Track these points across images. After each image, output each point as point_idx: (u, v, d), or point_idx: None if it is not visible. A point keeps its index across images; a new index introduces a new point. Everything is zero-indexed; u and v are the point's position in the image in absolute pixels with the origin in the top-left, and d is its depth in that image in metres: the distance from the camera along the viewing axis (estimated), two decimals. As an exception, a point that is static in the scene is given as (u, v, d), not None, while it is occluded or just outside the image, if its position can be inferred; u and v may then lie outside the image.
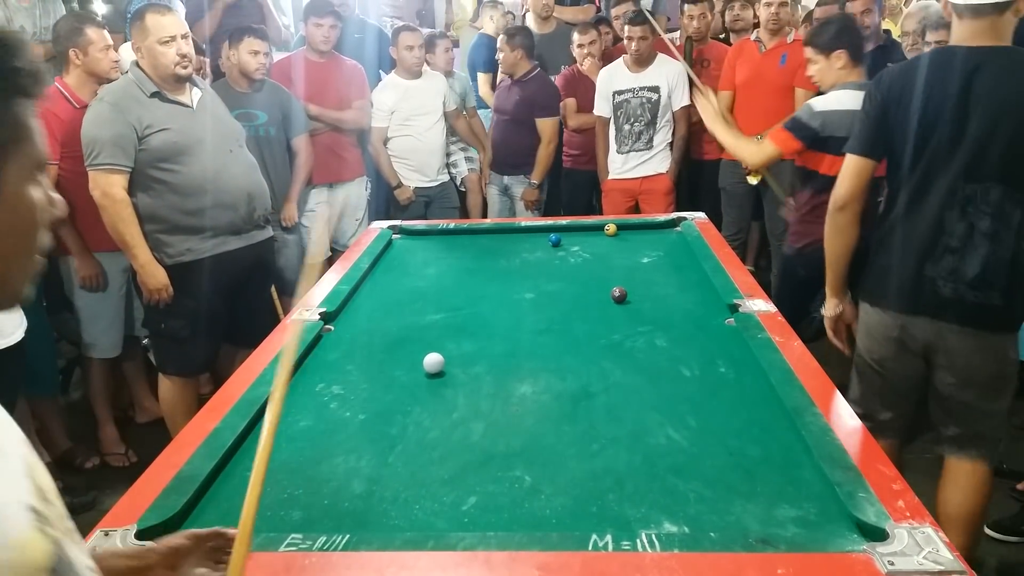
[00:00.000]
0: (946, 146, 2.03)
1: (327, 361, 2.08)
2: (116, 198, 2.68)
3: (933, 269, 2.09)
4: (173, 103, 2.77)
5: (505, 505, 1.41)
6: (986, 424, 2.17)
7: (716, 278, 2.47)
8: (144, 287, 2.80)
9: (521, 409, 1.78)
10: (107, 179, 2.68)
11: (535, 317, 2.35)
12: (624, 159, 4.18)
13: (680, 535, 1.28)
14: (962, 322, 2.08)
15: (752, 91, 4.05)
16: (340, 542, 1.26)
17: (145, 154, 2.71)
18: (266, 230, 3.08)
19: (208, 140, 2.81)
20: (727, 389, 1.83)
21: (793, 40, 3.98)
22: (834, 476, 1.38)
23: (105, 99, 2.73)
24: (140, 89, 2.73)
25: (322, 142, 4.00)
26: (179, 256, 2.81)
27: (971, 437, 2.18)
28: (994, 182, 2.00)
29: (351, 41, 4.34)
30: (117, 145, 2.66)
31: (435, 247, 3.15)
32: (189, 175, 2.76)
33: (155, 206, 2.77)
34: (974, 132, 1.99)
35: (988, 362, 2.12)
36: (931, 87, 2.04)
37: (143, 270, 2.76)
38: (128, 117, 2.67)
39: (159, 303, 2.81)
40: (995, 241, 2.01)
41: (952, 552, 1.17)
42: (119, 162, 2.67)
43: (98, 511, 2.03)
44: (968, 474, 2.21)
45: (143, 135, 2.69)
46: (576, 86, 4.37)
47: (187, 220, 2.79)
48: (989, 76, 1.97)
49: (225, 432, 1.62)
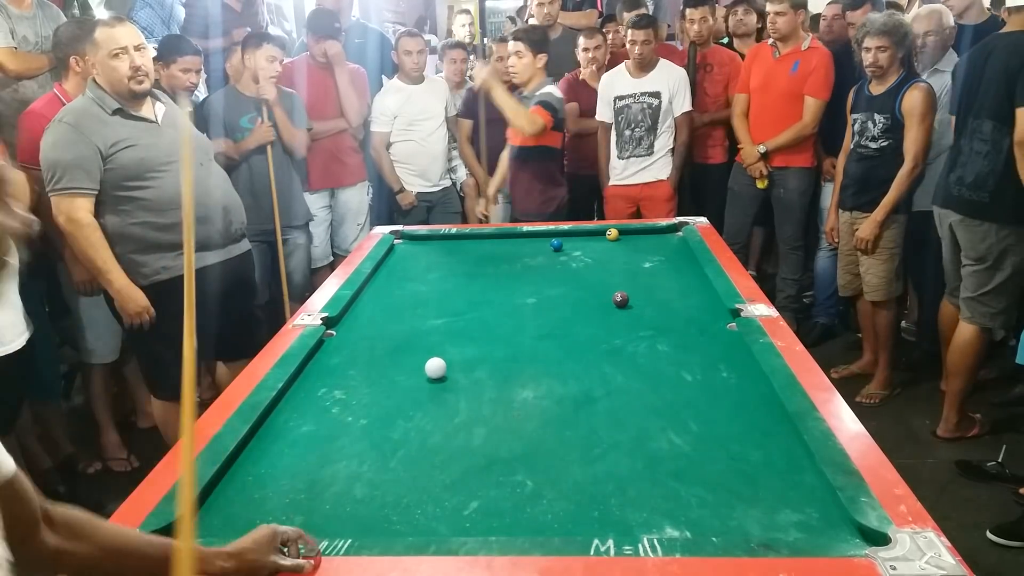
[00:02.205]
0: (968, 98, 3.07)
1: (329, 366, 2.08)
2: (83, 223, 2.56)
3: (950, 177, 3.14)
4: (137, 119, 2.66)
5: (507, 510, 1.41)
6: (987, 297, 3.08)
7: (718, 282, 2.47)
8: (124, 312, 2.68)
9: (523, 414, 1.78)
10: (71, 203, 2.55)
11: (537, 322, 2.35)
12: (625, 164, 4.18)
13: (682, 540, 1.28)
14: (960, 212, 3.11)
15: (764, 96, 4.06)
16: (342, 547, 1.25)
17: (112, 173, 2.59)
18: (242, 243, 2.99)
19: (177, 154, 2.68)
20: (729, 394, 1.83)
21: (808, 48, 3.97)
22: (836, 481, 1.38)
23: (64, 120, 2.58)
24: (101, 107, 2.61)
25: (324, 147, 4.02)
26: (155, 275, 2.69)
27: (970, 301, 3.12)
28: (986, 118, 2.99)
29: (352, 46, 4.36)
30: (80, 167, 2.54)
31: (437, 252, 3.16)
32: (160, 191, 2.65)
33: (125, 226, 2.65)
34: (983, 86, 2.99)
35: (976, 242, 3.06)
36: (971, 59, 3.11)
37: (120, 295, 2.64)
38: (91, 138, 2.55)
39: (142, 327, 2.69)
40: (986, 158, 2.99)
41: (954, 557, 1.17)
42: (83, 185, 2.55)
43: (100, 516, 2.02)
44: (963, 331, 3.17)
45: (108, 154, 2.58)
46: (578, 91, 4.37)
47: (161, 237, 2.68)
48: (997, 51, 2.96)
49: (226, 437, 1.62)
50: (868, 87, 3.43)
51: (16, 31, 3.32)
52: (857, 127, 3.47)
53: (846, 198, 3.59)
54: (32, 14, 3.40)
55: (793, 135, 3.99)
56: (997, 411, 3.43)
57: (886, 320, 3.61)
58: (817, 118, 3.97)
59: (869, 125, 3.40)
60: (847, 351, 4.11)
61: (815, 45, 4.00)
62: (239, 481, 1.53)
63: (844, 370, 3.85)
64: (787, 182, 4.10)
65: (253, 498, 1.47)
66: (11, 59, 3.28)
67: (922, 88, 3.26)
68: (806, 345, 2.03)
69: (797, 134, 3.99)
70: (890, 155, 3.36)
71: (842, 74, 3.93)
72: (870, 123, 3.40)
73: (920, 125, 3.26)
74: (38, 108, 2.97)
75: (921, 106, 3.23)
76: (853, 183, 3.53)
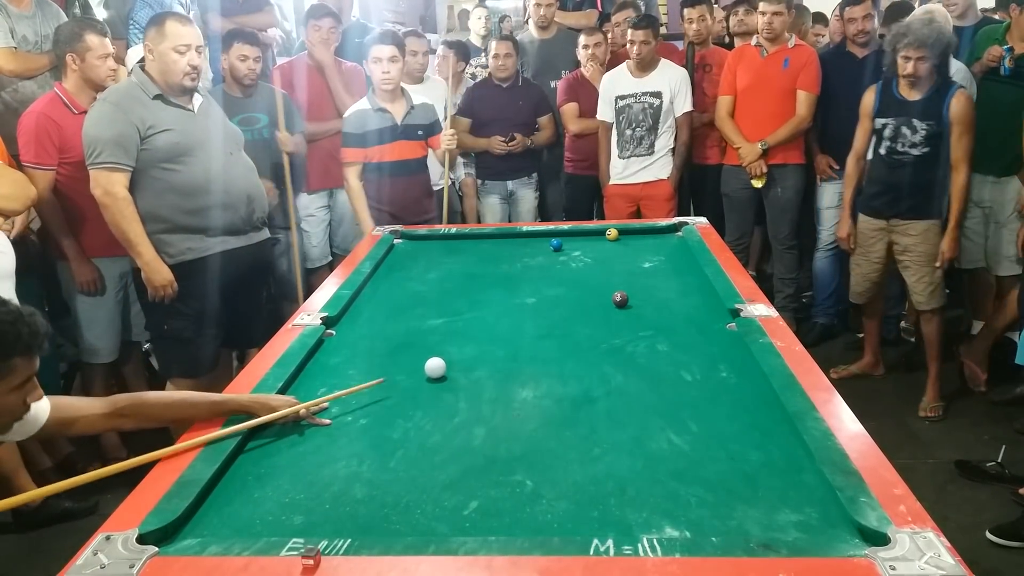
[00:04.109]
0: None
1: (329, 365, 2.08)
2: (118, 196, 2.67)
3: None
4: (176, 106, 2.77)
5: (506, 510, 1.41)
6: None
7: (717, 282, 2.47)
8: (149, 284, 2.77)
9: (522, 414, 1.78)
10: (108, 177, 2.66)
11: (536, 322, 2.35)
12: (625, 164, 4.19)
13: (682, 540, 1.28)
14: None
15: (757, 95, 4.05)
16: (341, 547, 1.25)
17: (148, 154, 2.70)
18: (263, 231, 3.09)
19: (209, 142, 2.82)
20: (728, 393, 1.83)
21: (794, 45, 4.00)
22: (836, 481, 1.38)
23: (108, 99, 2.72)
24: (143, 91, 2.73)
25: (323, 147, 4.02)
26: (180, 255, 2.80)
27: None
28: None
29: (352, 46, 4.36)
30: (119, 144, 2.65)
31: (437, 252, 3.16)
32: (191, 175, 2.76)
33: (156, 206, 2.75)
34: None
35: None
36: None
37: (148, 267, 2.74)
38: (131, 117, 2.66)
39: (163, 301, 2.79)
40: None
41: (954, 557, 1.17)
42: (121, 161, 2.66)
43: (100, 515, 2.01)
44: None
45: (146, 135, 2.69)
46: (578, 91, 4.37)
47: (188, 220, 2.79)
48: None
49: (226, 437, 1.62)
50: (897, 91, 3.35)
51: (16, 30, 3.31)
52: (888, 132, 3.37)
53: (878, 205, 3.49)
54: (32, 13, 3.39)
55: (792, 129, 4.00)
56: (997, 411, 3.44)
57: (936, 329, 3.49)
58: (812, 111, 4.00)
59: (905, 131, 3.31)
60: (847, 351, 4.11)
61: (799, 42, 4.05)
62: (238, 480, 1.53)
63: (844, 370, 3.84)
64: (784, 180, 4.11)
65: (253, 498, 1.47)
66: (11, 59, 3.28)
67: (967, 94, 3.22)
68: (805, 345, 2.03)
69: (795, 128, 4.01)
70: (930, 161, 3.29)
71: (840, 72, 3.94)
72: (905, 129, 3.31)
73: (969, 132, 3.21)
74: (39, 108, 2.97)
75: (969, 114, 3.20)
76: (888, 189, 3.43)
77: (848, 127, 3.67)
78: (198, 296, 2.83)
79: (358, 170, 3.60)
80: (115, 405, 1.66)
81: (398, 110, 3.61)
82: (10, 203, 2.70)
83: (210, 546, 1.27)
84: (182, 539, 1.32)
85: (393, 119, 3.59)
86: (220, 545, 1.27)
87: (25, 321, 1.31)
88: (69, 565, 1.22)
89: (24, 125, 2.97)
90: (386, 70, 3.51)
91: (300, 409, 1.73)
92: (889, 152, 3.40)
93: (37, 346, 1.32)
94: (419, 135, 3.67)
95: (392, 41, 3.56)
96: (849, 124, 3.64)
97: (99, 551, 1.24)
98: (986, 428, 3.33)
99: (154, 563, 1.23)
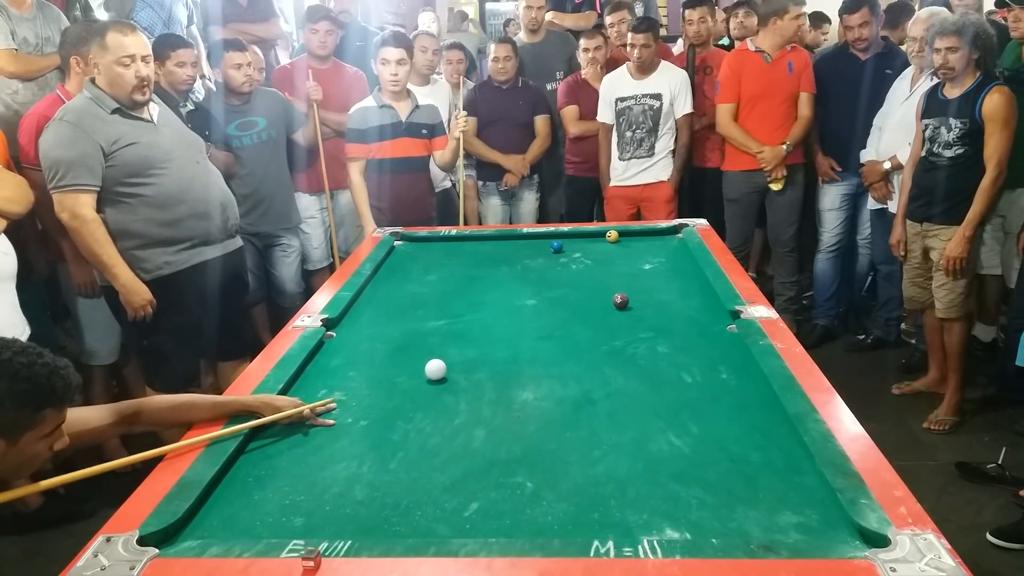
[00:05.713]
0: None
1: (329, 367, 2.08)
2: (87, 219, 2.58)
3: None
4: (135, 118, 2.69)
5: (507, 511, 1.41)
6: None
7: (718, 284, 2.47)
8: (128, 306, 2.71)
9: (523, 415, 1.78)
10: (75, 199, 2.57)
11: (537, 324, 2.35)
12: (625, 166, 4.18)
13: (682, 541, 1.28)
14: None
15: (768, 102, 3.99)
16: (342, 548, 1.25)
17: (115, 170, 2.62)
18: (236, 239, 3.03)
19: (175, 151, 2.75)
20: (729, 395, 1.83)
21: (791, 47, 4.00)
22: (836, 482, 1.38)
23: (64, 118, 2.60)
24: (99, 107, 2.63)
25: (324, 149, 4.01)
26: (157, 270, 2.73)
27: None
28: None
29: (353, 49, 4.35)
30: (83, 164, 2.56)
31: (437, 253, 3.16)
32: (163, 187, 2.69)
33: (128, 222, 2.68)
34: None
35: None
36: None
37: (125, 288, 2.67)
38: (93, 135, 2.57)
39: (144, 319, 2.73)
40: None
41: (954, 559, 1.17)
42: (86, 181, 2.57)
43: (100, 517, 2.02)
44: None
45: (110, 151, 2.60)
46: (578, 93, 4.37)
47: (163, 233, 2.72)
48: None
49: (226, 438, 1.63)
50: (942, 91, 3.25)
51: (16, 32, 3.31)
52: (929, 133, 3.26)
53: (915, 209, 3.37)
54: (32, 16, 3.39)
55: (803, 130, 3.99)
56: (998, 413, 3.43)
57: (958, 338, 3.35)
58: (813, 110, 3.99)
59: (942, 131, 3.20)
60: (846, 353, 4.11)
61: (795, 45, 4.04)
62: (239, 481, 1.53)
63: (907, 387, 3.68)
64: (790, 179, 4.10)
65: (253, 499, 1.47)
66: (11, 61, 3.28)
67: (1004, 91, 3.07)
68: (806, 347, 2.04)
69: (805, 128, 4.00)
70: (964, 164, 3.16)
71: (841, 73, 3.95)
72: (943, 128, 3.20)
73: (1004, 131, 3.06)
74: (40, 110, 2.96)
75: (1004, 110, 3.05)
76: (923, 193, 3.32)
77: (849, 128, 3.66)
78: (178, 310, 2.78)
79: (361, 166, 3.61)
80: (120, 413, 1.69)
81: (403, 108, 3.63)
82: (12, 206, 2.70)
83: (211, 548, 1.28)
84: (183, 541, 1.32)
85: (398, 115, 3.60)
86: (221, 547, 1.27)
87: (60, 375, 1.31)
88: (69, 567, 1.22)
89: (25, 127, 2.96)
90: (394, 72, 3.53)
91: (304, 410, 1.74)
92: (927, 154, 3.28)
93: (69, 399, 1.34)
94: (423, 134, 3.67)
95: (401, 43, 3.57)
96: (850, 125, 3.63)
97: (100, 553, 1.25)
98: (987, 430, 3.33)
99: (155, 565, 1.23)
